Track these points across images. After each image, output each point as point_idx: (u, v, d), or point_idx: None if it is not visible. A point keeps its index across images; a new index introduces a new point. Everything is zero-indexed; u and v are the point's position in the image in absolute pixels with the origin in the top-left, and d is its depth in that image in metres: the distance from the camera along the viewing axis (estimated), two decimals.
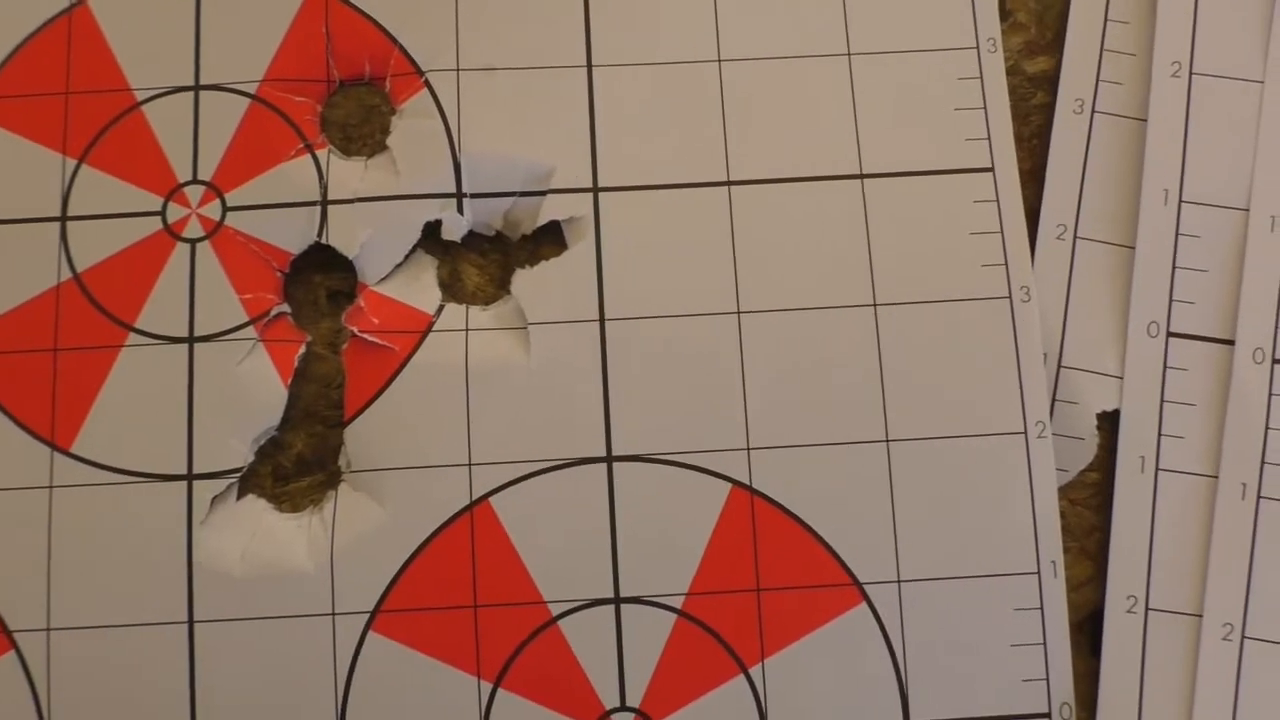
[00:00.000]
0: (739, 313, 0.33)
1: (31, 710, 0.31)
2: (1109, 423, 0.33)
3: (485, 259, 0.35)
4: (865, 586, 0.32)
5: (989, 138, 0.34)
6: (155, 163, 0.34)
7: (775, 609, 0.32)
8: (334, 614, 0.32)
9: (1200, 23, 0.35)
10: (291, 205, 0.34)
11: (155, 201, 0.34)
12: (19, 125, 0.34)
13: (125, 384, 0.33)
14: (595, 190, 0.34)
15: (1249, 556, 0.32)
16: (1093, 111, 0.35)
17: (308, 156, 0.34)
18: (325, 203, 0.34)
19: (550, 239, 0.34)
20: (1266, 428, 0.33)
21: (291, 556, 0.32)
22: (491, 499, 0.32)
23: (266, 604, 0.32)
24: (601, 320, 0.33)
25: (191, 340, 0.33)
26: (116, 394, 0.33)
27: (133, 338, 0.33)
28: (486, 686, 0.32)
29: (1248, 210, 0.34)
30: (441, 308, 0.34)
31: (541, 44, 0.35)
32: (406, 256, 0.34)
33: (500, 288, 0.34)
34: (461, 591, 0.32)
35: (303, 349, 0.34)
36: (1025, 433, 0.33)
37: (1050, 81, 0.35)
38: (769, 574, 0.32)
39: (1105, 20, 0.35)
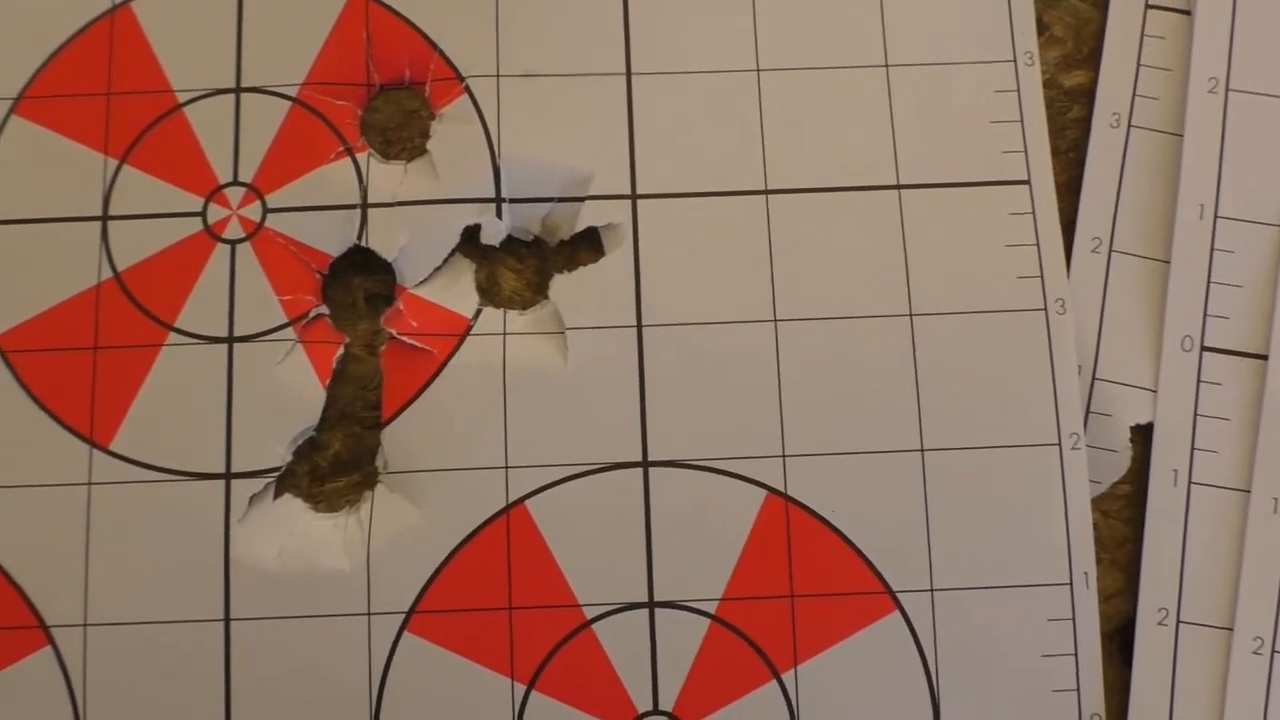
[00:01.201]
0: (775, 320, 0.33)
1: (67, 705, 0.32)
2: (1142, 436, 0.34)
3: (523, 264, 0.35)
4: (898, 595, 0.32)
5: (1025, 150, 0.34)
6: (196, 164, 0.34)
7: (808, 616, 0.32)
8: (369, 614, 0.32)
9: (1237, 39, 0.35)
10: (331, 208, 0.34)
11: (196, 202, 0.34)
12: (61, 125, 0.35)
13: (164, 383, 0.33)
14: (634, 197, 0.34)
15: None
16: (1129, 126, 0.35)
17: (348, 160, 0.34)
18: (365, 206, 0.34)
19: (588, 245, 0.35)
20: None
21: (328, 556, 0.32)
22: (527, 502, 0.32)
23: (302, 603, 0.32)
24: (639, 326, 0.33)
25: (231, 340, 0.33)
26: (156, 393, 0.33)
27: (172, 337, 0.33)
28: (520, 688, 0.32)
29: None
30: (479, 311, 0.34)
31: (581, 51, 0.35)
32: (445, 260, 0.34)
33: (537, 293, 0.35)
34: (496, 593, 0.32)
35: (341, 350, 0.34)
36: (1059, 444, 0.33)
37: (1087, 95, 0.36)
38: (803, 581, 0.32)
39: (1142, 35, 0.36)
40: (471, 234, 0.34)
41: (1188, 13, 0.36)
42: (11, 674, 0.32)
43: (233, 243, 0.34)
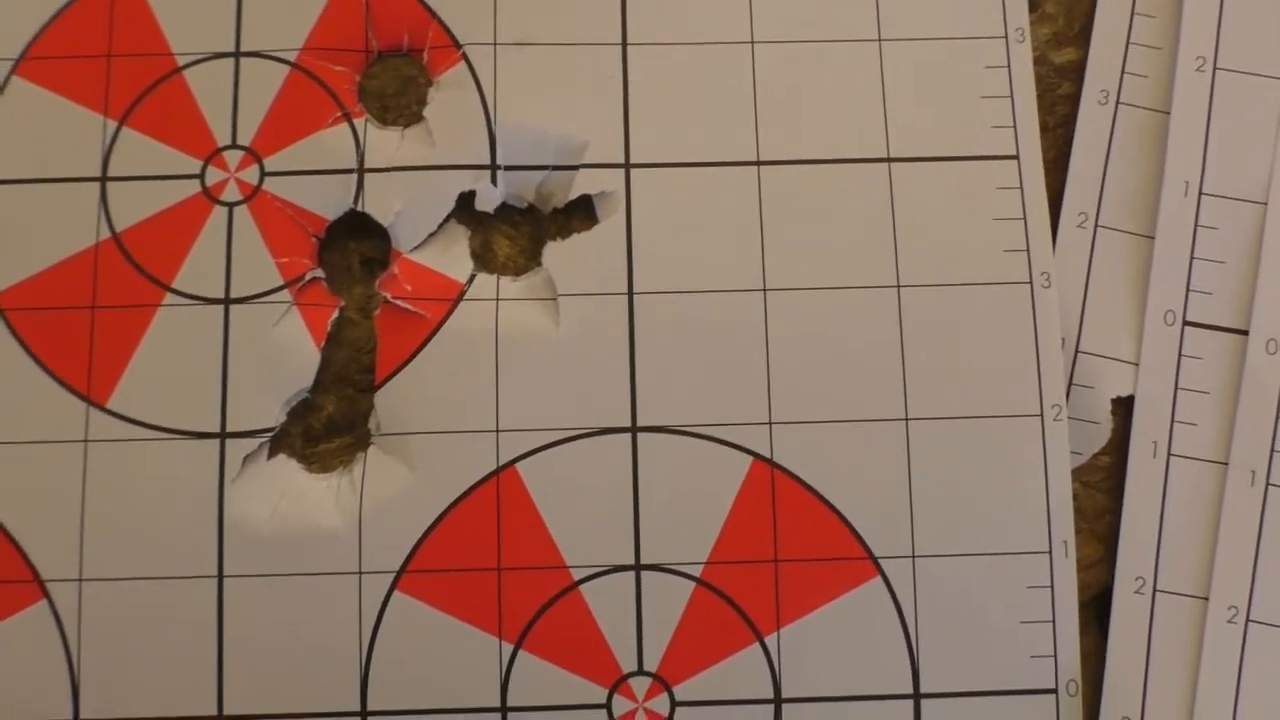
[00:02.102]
0: (765, 290, 0.34)
1: (62, 659, 0.32)
2: (1123, 408, 0.34)
3: (517, 230, 0.35)
4: (880, 561, 0.33)
5: (1015, 126, 0.35)
6: (195, 127, 0.35)
7: (792, 580, 0.33)
8: (360, 573, 0.33)
9: (1225, 18, 0.35)
10: (328, 172, 0.34)
11: (194, 165, 0.34)
12: (62, 86, 0.35)
13: (161, 343, 0.33)
14: (627, 166, 0.35)
15: (1256, 542, 0.33)
16: (1117, 103, 0.35)
17: (345, 125, 0.35)
18: (362, 171, 0.34)
19: (581, 212, 0.35)
20: (1277, 417, 0.33)
21: (320, 516, 0.33)
22: (518, 465, 0.33)
23: (295, 561, 0.33)
24: (630, 294, 0.34)
25: (227, 302, 0.34)
26: (152, 352, 0.33)
27: (169, 298, 0.34)
28: (508, 648, 0.32)
29: (1266, 204, 0.34)
30: (473, 277, 0.34)
31: (578, 20, 0.35)
32: (440, 226, 0.34)
33: (531, 259, 0.35)
34: (486, 554, 0.33)
35: (336, 313, 0.34)
36: (1042, 415, 0.33)
37: (1076, 72, 0.36)
38: (787, 546, 0.33)
39: (1132, 14, 0.36)
40: (466, 200, 0.35)
41: None
42: (7, 628, 0.32)
43: (230, 205, 0.34)
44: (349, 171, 0.34)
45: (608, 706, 0.32)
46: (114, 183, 0.34)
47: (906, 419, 0.33)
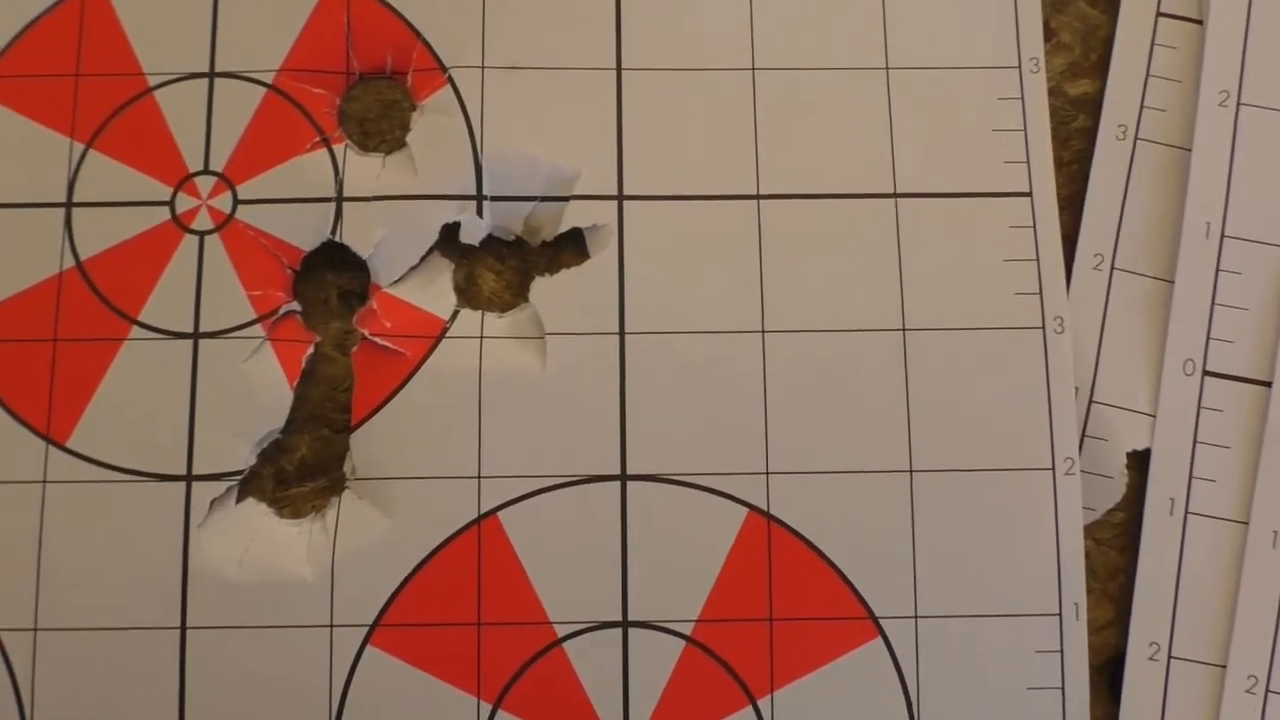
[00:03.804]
0: (763, 331, 0.32)
1: (14, 712, 0.30)
2: (1139, 462, 0.33)
3: (503, 264, 0.34)
4: (881, 621, 0.31)
5: (1028, 161, 0.33)
6: (166, 151, 0.33)
7: (787, 640, 0.31)
8: (332, 625, 0.31)
9: (1250, 50, 0.34)
10: (305, 201, 0.33)
11: (164, 191, 0.33)
12: (26, 107, 0.33)
13: (126, 379, 0.32)
14: (620, 198, 0.33)
15: (1277, 607, 0.31)
16: (1135, 138, 0.34)
17: (324, 151, 0.33)
18: (340, 199, 0.33)
19: (571, 246, 0.33)
20: None
21: (290, 564, 0.31)
22: (500, 514, 0.31)
23: (262, 612, 0.31)
24: (621, 333, 0.32)
25: (196, 336, 0.32)
26: (116, 389, 0.32)
27: (135, 331, 0.32)
28: (486, 707, 0.31)
29: None
30: (456, 313, 0.33)
31: (570, 44, 0.34)
32: (422, 258, 0.33)
33: (517, 295, 0.33)
34: (465, 608, 0.31)
35: (311, 349, 0.33)
36: (1053, 469, 0.32)
37: (1093, 105, 0.34)
38: (783, 603, 0.31)
39: (1152, 44, 0.34)
40: (451, 232, 0.33)
41: (1200, 22, 0.34)
42: None
43: (201, 234, 0.33)
44: (327, 200, 0.33)
45: None
46: (79, 208, 0.33)
47: (911, 471, 0.32)
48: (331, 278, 0.33)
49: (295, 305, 0.33)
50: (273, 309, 0.32)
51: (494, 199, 0.33)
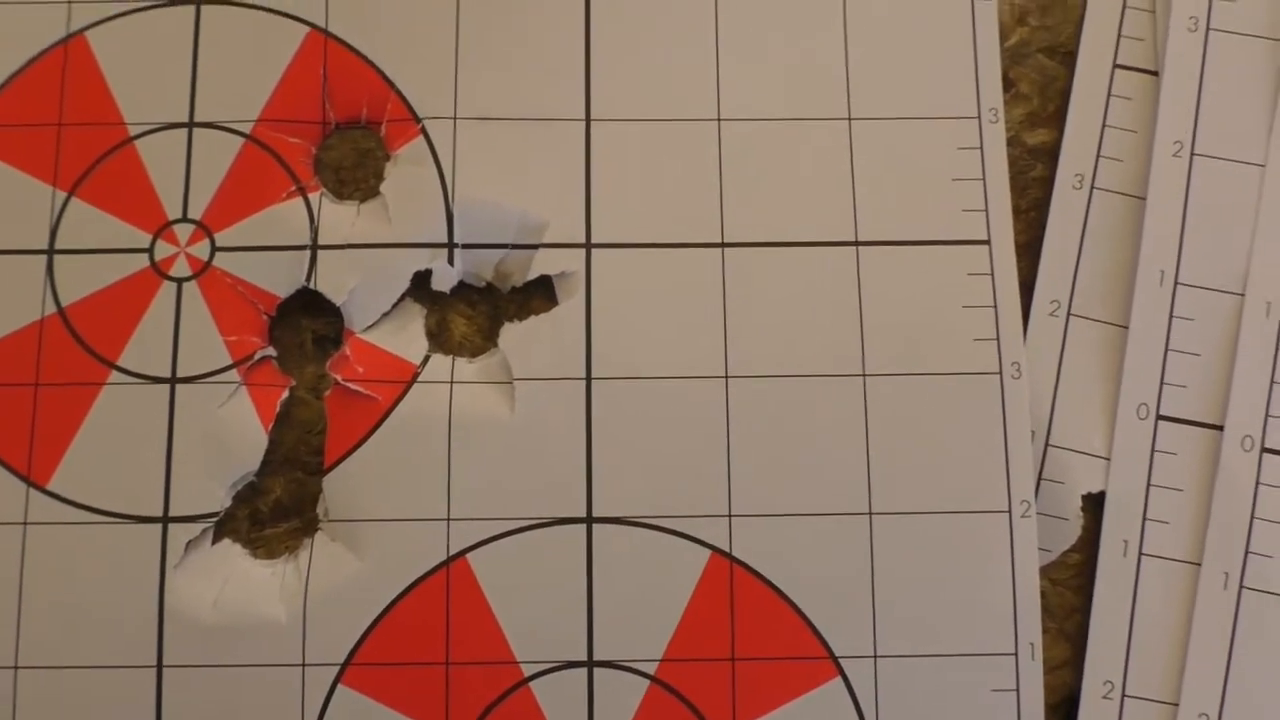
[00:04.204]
0: (727, 377, 0.33)
1: None
2: (1094, 504, 0.33)
3: (474, 310, 0.34)
4: (841, 660, 0.32)
5: (987, 209, 0.34)
6: (145, 199, 0.34)
7: (750, 679, 0.32)
8: (304, 665, 0.32)
9: (1204, 102, 0.35)
10: (281, 249, 0.33)
11: (144, 238, 0.34)
12: (10, 155, 0.34)
13: (105, 423, 0.32)
14: (588, 246, 0.34)
15: (1228, 647, 0.32)
16: (1092, 187, 0.35)
17: (299, 199, 0.34)
18: (315, 247, 0.33)
19: (540, 293, 0.34)
20: (1252, 517, 0.32)
21: (264, 604, 0.32)
22: (469, 555, 0.32)
23: (236, 652, 0.32)
24: (588, 378, 0.33)
25: (174, 381, 0.33)
26: (96, 432, 0.32)
27: (115, 376, 0.33)
28: None
29: (1243, 295, 0.34)
30: (427, 358, 0.33)
31: (540, 95, 0.35)
32: (394, 305, 0.34)
33: (488, 339, 0.34)
34: (434, 648, 0.32)
35: (286, 394, 0.33)
36: (1010, 511, 0.32)
37: (1050, 154, 0.35)
38: (745, 644, 0.32)
39: (1109, 95, 0.35)
40: (423, 279, 0.34)
41: (1155, 74, 0.35)
42: None
43: (179, 280, 0.33)
44: (303, 248, 0.33)
45: None
46: (61, 255, 0.33)
47: (870, 513, 0.32)
48: (306, 323, 0.34)
49: (271, 350, 0.33)
50: (248, 354, 0.33)
51: (465, 246, 0.34)
